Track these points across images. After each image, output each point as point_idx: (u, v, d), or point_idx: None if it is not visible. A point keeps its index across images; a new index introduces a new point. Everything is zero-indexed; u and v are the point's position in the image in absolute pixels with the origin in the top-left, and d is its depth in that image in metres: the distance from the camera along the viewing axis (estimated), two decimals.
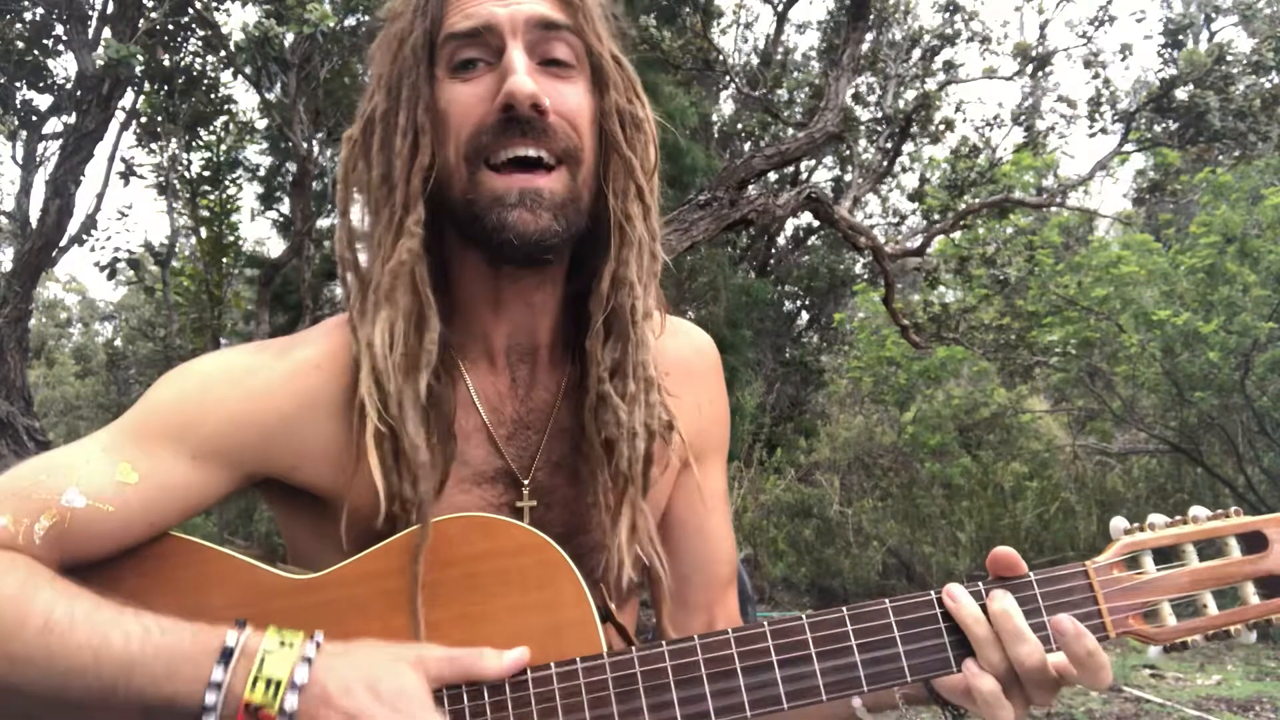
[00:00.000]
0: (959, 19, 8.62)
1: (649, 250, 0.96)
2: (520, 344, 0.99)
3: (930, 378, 8.01)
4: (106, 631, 0.78)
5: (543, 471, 0.99)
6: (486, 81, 0.90)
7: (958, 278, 7.73)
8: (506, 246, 0.89)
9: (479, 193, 0.89)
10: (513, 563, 0.87)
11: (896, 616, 0.84)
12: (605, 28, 0.97)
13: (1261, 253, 6.22)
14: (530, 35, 0.91)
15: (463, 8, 0.92)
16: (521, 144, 0.89)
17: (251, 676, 0.76)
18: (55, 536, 0.83)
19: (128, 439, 0.90)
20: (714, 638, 0.83)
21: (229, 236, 8.67)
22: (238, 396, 0.91)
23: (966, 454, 8.06)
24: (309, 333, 0.99)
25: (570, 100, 0.92)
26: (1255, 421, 6.24)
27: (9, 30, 6.12)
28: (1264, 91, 6.86)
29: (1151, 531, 0.89)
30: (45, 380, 15.50)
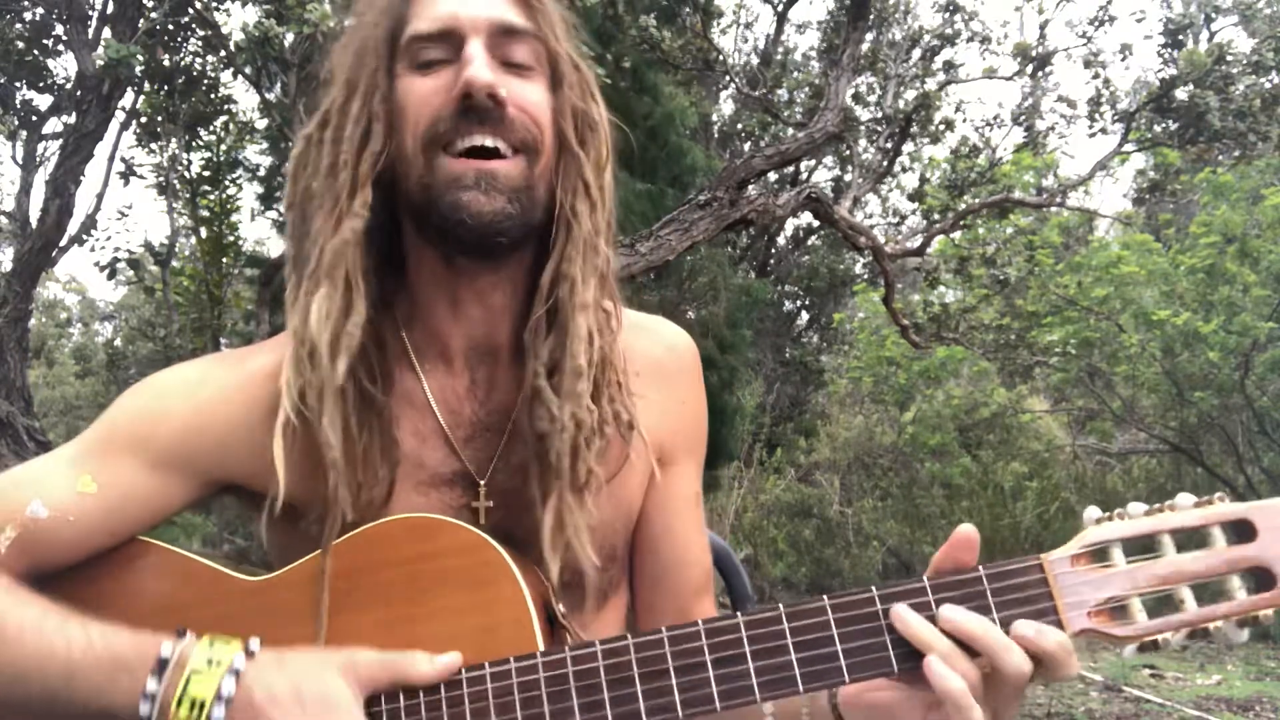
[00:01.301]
0: (959, 19, 8.62)
1: (592, 245, 0.96)
2: (479, 345, 1.00)
3: (930, 378, 8.02)
4: (51, 639, 0.81)
5: (502, 474, 0.99)
6: (446, 75, 0.91)
7: (958, 278, 7.73)
8: (460, 228, 0.89)
9: (435, 177, 0.90)
10: (453, 563, 0.87)
11: (835, 614, 0.80)
12: (564, 32, 0.98)
13: (1261, 253, 6.22)
14: (491, 38, 0.92)
15: (426, 11, 0.94)
16: (480, 132, 0.90)
17: (177, 695, 0.77)
18: (20, 546, 0.88)
19: (89, 452, 0.93)
20: (648, 636, 0.82)
21: (229, 236, 8.66)
22: (190, 407, 0.95)
23: (966, 454, 8.06)
24: (266, 343, 1.01)
25: (529, 95, 0.94)
26: (1255, 421, 6.24)
27: (9, 30, 6.12)
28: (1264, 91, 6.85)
29: (1123, 520, 0.80)
30: (45, 380, 15.49)
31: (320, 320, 0.88)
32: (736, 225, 5.11)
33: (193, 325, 8.81)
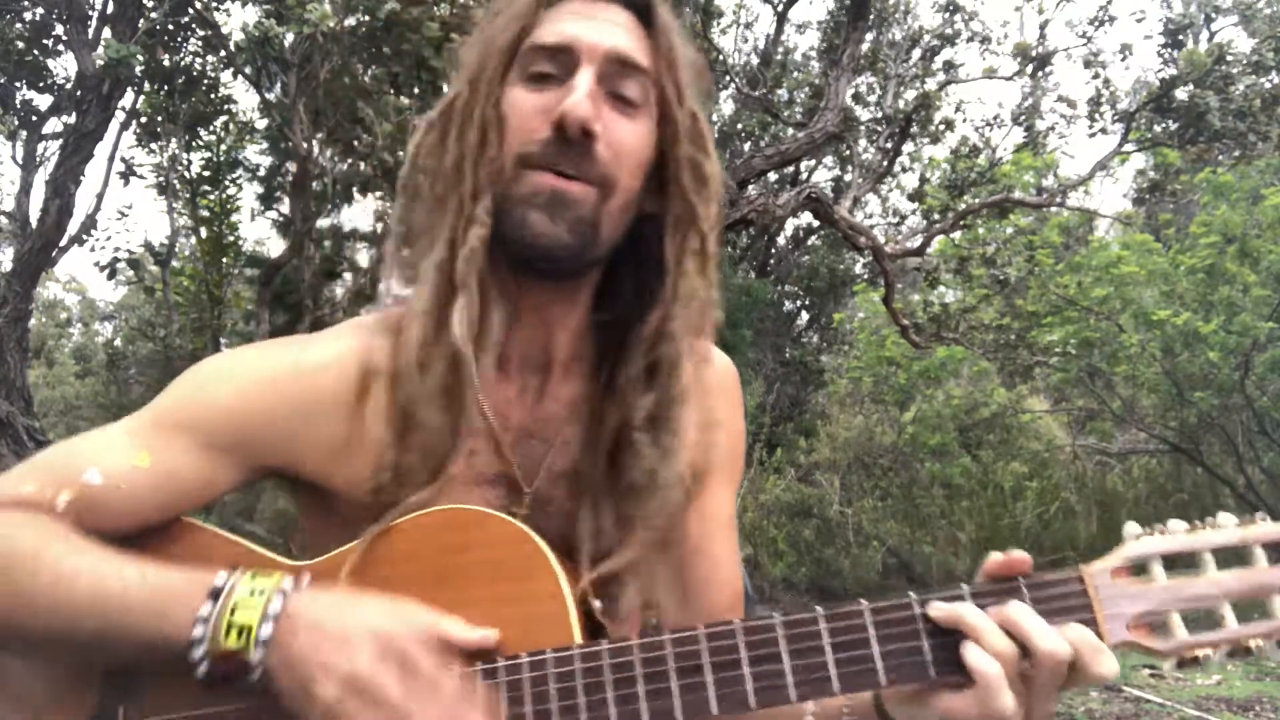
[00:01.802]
0: (959, 19, 8.62)
1: (701, 303, 0.97)
2: (533, 354, 1.01)
3: (930, 378, 8.02)
4: (107, 577, 0.84)
5: (544, 482, 1.00)
6: (551, 96, 0.92)
7: (958, 278, 7.74)
8: (519, 244, 0.91)
9: (517, 187, 0.92)
10: (492, 554, 0.88)
11: (874, 618, 0.81)
12: (687, 78, 0.98)
13: (1261, 253, 6.22)
14: (606, 67, 0.93)
15: (553, 24, 0.95)
16: (561, 162, 0.91)
17: (226, 619, 0.80)
18: (75, 510, 0.90)
19: (148, 427, 0.96)
20: (684, 633, 0.82)
21: (229, 236, 8.67)
22: (247, 392, 0.96)
23: (966, 454, 8.07)
24: (329, 331, 1.02)
25: (624, 134, 0.94)
26: (1255, 421, 6.25)
27: (9, 30, 6.12)
28: (1264, 91, 6.86)
29: (1164, 536, 0.81)
30: (45, 380, 15.49)
31: (465, 328, 0.91)
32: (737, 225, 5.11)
33: (193, 325, 8.81)
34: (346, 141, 6.43)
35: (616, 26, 0.95)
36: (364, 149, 5.92)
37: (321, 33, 4.55)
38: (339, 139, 6.45)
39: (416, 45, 4.58)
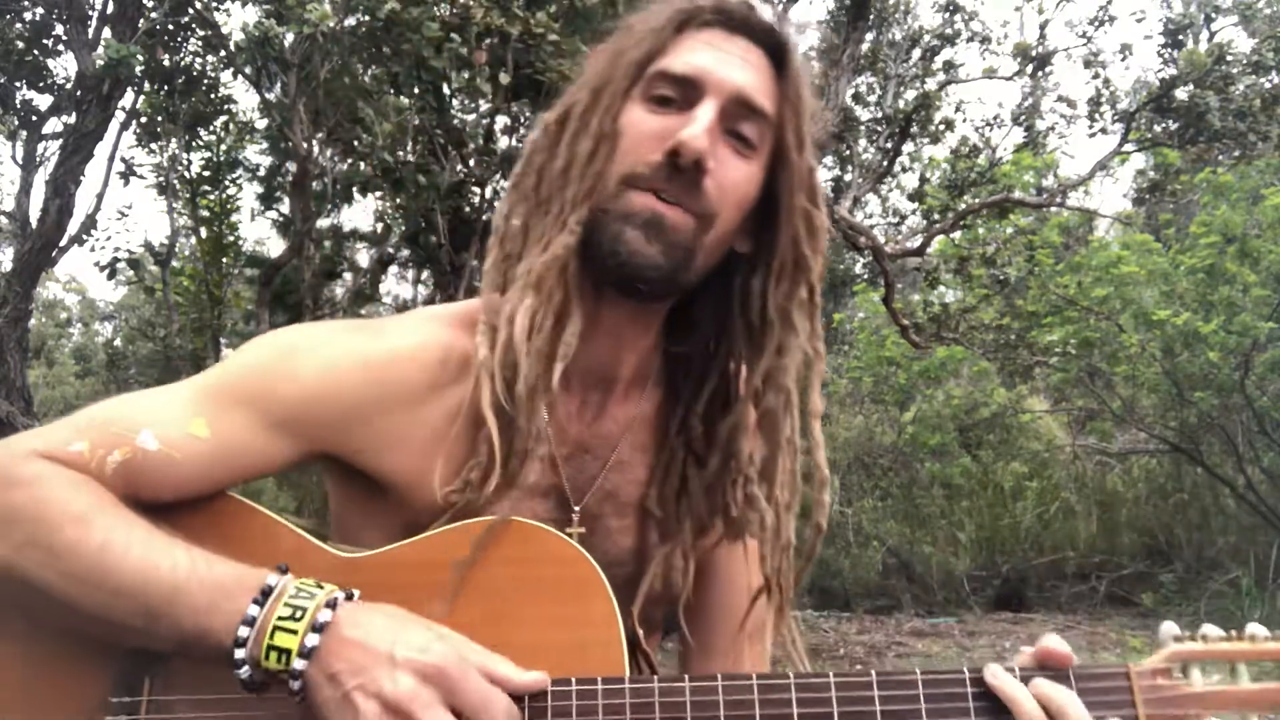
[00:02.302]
0: (959, 19, 8.62)
1: (810, 355, 0.98)
2: (598, 371, 1.01)
3: (930, 378, 8.02)
4: (157, 559, 0.82)
5: (593, 500, 1.01)
6: (670, 122, 0.92)
7: (958, 278, 7.73)
8: (611, 259, 0.91)
9: (616, 205, 0.92)
10: (547, 572, 0.87)
11: (925, 689, 0.83)
12: (811, 130, 0.98)
13: (1261, 253, 6.22)
14: (729, 105, 0.93)
15: (685, 52, 0.95)
16: (669, 189, 0.91)
17: (272, 625, 0.78)
18: (124, 472, 0.87)
19: (208, 396, 0.93)
20: (737, 680, 0.83)
21: (229, 236, 8.66)
22: (320, 375, 0.93)
23: (966, 454, 8.06)
24: (403, 320, 1.01)
25: (734, 174, 0.93)
26: (1255, 421, 6.24)
27: (9, 30, 6.12)
28: (1264, 91, 6.86)
29: (1203, 643, 0.85)
30: (45, 380, 15.49)
31: (523, 330, 0.90)
32: None
33: (193, 325, 8.80)
34: (346, 141, 6.43)
35: (748, 65, 0.95)
36: (364, 149, 5.92)
37: (321, 33, 4.55)
38: (339, 139, 6.45)
39: (416, 45, 4.57)
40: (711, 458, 1.03)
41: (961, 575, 6.74)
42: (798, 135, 0.96)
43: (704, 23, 0.96)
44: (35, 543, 0.82)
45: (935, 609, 6.52)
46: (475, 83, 5.10)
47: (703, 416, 1.03)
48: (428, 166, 5.64)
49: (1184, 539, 6.61)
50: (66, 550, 0.81)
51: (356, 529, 0.97)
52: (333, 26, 4.61)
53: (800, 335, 0.97)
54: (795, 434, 0.98)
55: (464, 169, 6.04)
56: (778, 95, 0.96)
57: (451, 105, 6.07)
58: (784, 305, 0.97)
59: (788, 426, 0.97)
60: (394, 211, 7.46)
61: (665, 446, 1.04)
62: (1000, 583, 6.77)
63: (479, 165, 6.05)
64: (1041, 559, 6.89)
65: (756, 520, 0.96)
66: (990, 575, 6.89)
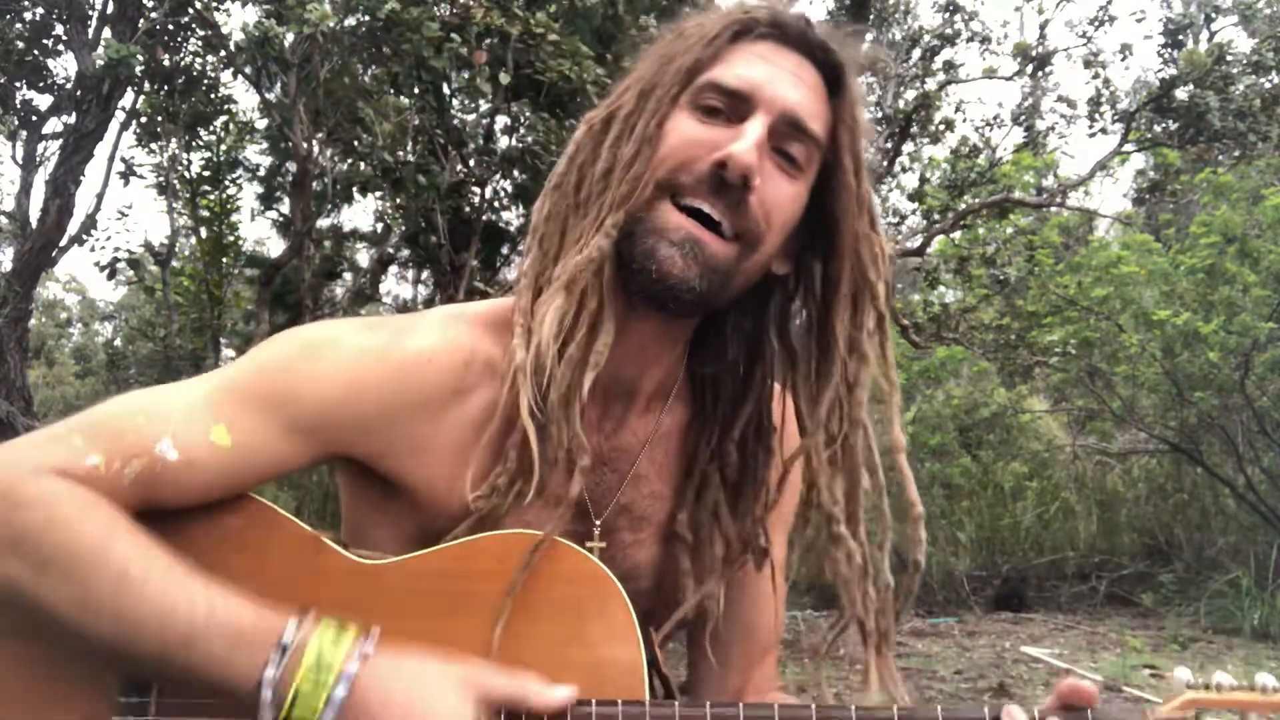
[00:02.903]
0: (959, 19, 8.62)
1: (881, 384, 0.96)
2: (621, 383, 0.99)
3: (930, 378, 8.01)
4: (176, 596, 0.79)
5: (610, 512, 1.00)
6: (718, 134, 0.90)
7: (958, 278, 7.73)
8: (642, 274, 0.89)
9: (649, 218, 0.89)
10: (572, 590, 0.86)
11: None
12: (866, 152, 0.96)
13: (1261, 253, 6.21)
14: (779, 124, 0.90)
15: (737, 65, 0.92)
16: (712, 203, 0.89)
17: (291, 692, 0.77)
18: (143, 482, 0.85)
19: (228, 397, 0.90)
20: (759, 709, 0.82)
21: (229, 236, 8.65)
22: (343, 378, 0.91)
23: (966, 454, 8.06)
24: (423, 320, 0.98)
25: (779, 193, 0.91)
26: (1255, 421, 6.24)
27: (9, 30, 6.12)
28: (1264, 91, 6.86)
29: (1217, 692, 0.86)
30: (45, 380, 15.47)
31: (550, 333, 0.88)
32: None
33: (193, 325, 8.79)
34: (346, 141, 6.42)
35: (801, 84, 0.92)
36: (364, 149, 5.92)
37: (321, 33, 4.54)
38: (339, 139, 6.44)
39: (416, 45, 4.57)
40: (745, 484, 1.01)
41: (961, 575, 6.74)
42: (855, 158, 0.94)
43: (759, 35, 0.94)
44: (50, 568, 0.79)
45: (935, 609, 6.52)
46: (475, 83, 5.10)
47: (739, 443, 1.01)
48: (428, 166, 5.64)
49: (1184, 539, 6.61)
50: (84, 580, 0.79)
51: (369, 530, 0.96)
52: (333, 26, 4.61)
53: (871, 365, 0.94)
54: (877, 468, 0.96)
55: (464, 169, 6.03)
56: (829, 117, 0.94)
57: (451, 105, 6.07)
58: (853, 335, 0.94)
59: (866, 461, 0.95)
60: (394, 211, 7.45)
61: (695, 469, 1.02)
62: (1000, 583, 6.77)
63: (479, 165, 6.05)
64: (1041, 559, 6.89)
65: (844, 561, 0.94)
66: (990, 575, 6.89)
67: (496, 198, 6.92)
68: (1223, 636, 5.27)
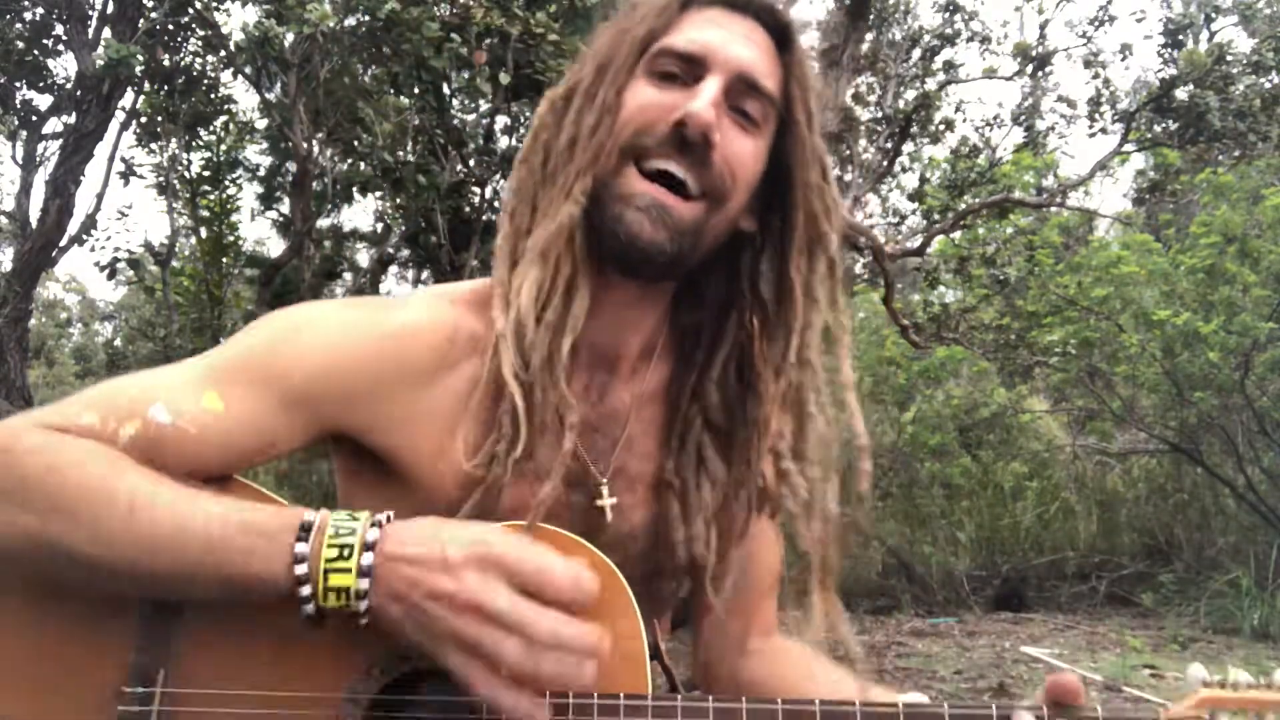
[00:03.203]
0: (959, 19, 8.62)
1: (831, 325, 0.97)
2: (603, 350, 1.01)
3: (930, 378, 8.01)
4: (189, 510, 0.81)
5: (612, 480, 1.01)
6: (674, 95, 0.92)
7: (958, 278, 7.73)
8: (612, 240, 0.90)
9: (615, 184, 0.92)
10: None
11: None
12: (818, 107, 0.98)
13: (1262, 253, 6.22)
14: (733, 82, 0.93)
15: (689, 30, 0.95)
16: (675, 163, 0.90)
17: (324, 552, 0.78)
18: (138, 445, 0.86)
19: (221, 372, 0.92)
20: (763, 703, 0.83)
21: (229, 236, 8.65)
22: (331, 350, 0.93)
23: (966, 454, 8.06)
24: (410, 297, 1.00)
25: (740, 149, 0.93)
26: (1255, 421, 6.24)
27: (9, 30, 6.12)
28: (1264, 91, 6.86)
29: (1234, 691, 0.85)
30: (45, 380, 15.48)
31: (529, 302, 0.90)
32: None
33: (193, 325, 8.79)
34: (346, 141, 6.43)
35: (752, 44, 0.95)
36: (364, 149, 5.92)
37: (321, 33, 4.55)
38: (339, 139, 6.45)
39: (416, 45, 4.57)
40: (733, 428, 1.02)
41: (961, 575, 6.74)
42: (807, 112, 0.96)
43: (708, 2, 0.97)
44: (57, 511, 0.80)
45: (935, 609, 6.52)
46: (475, 83, 5.10)
47: (718, 384, 1.02)
48: (428, 166, 5.64)
49: (1184, 539, 6.61)
50: (93, 514, 0.80)
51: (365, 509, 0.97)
52: (333, 26, 4.61)
53: (823, 308, 0.96)
54: (825, 407, 0.96)
55: (464, 169, 6.04)
56: (782, 75, 0.96)
57: (451, 105, 6.07)
58: (807, 280, 0.96)
59: (815, 401, 0.96)
60: (394, 211, 7.46)
61: (678, 416, 1.03)
62: (1000, 583, 6.77)
63: (479, 165, 6.05)
64: (1041, 559, 6.89)
65: (790, 496, 0.95)
66: (990, 575, 6.89)
67: (496, 198, 6.92)
68: (1223, 636, 5.27)
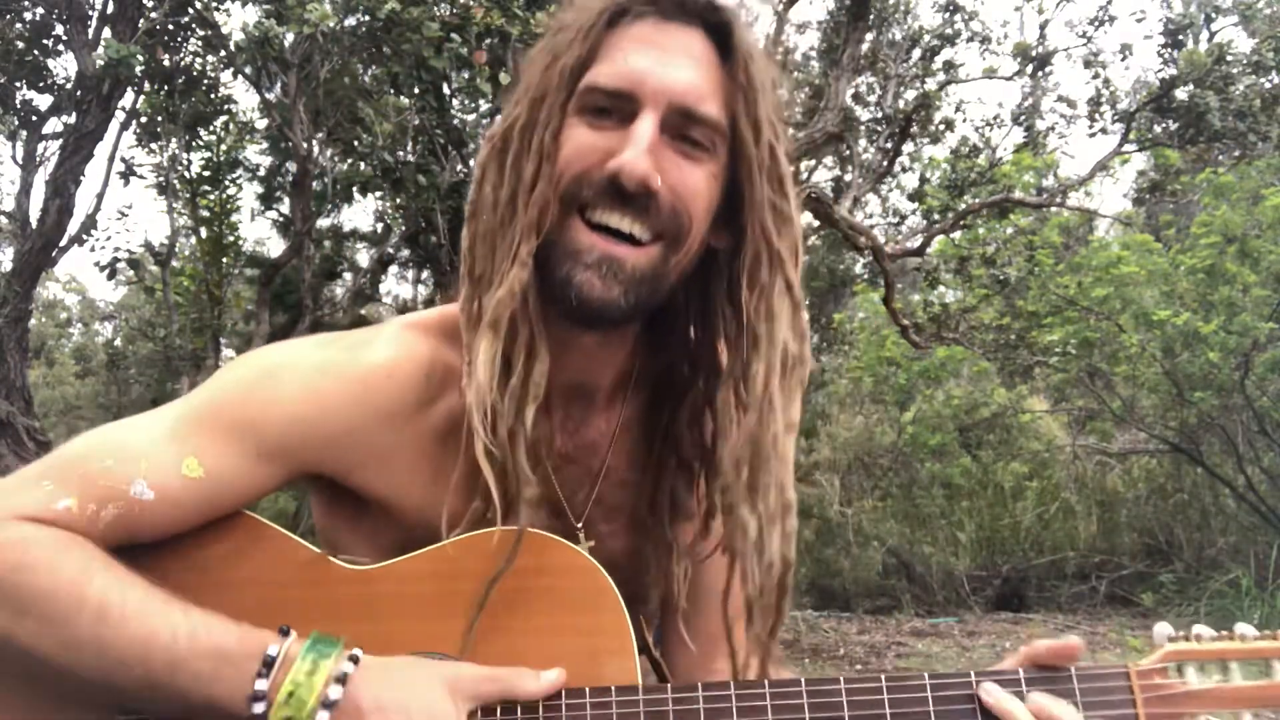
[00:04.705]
0: (959, 19, 8.61)
1: (794, 355, 0.90)
2: (576, 386, 0.99)
3: (930, 378, 8.02)
4: (156, 626, 0.79)
5: (597, 516, 1.01)
6: (610, 138, 0.87)
7: (958, 278, 7.73)
8: (564, 302, 0.87)
9: (563, 236, 0.87)
10: (560, 583, 0.88)
11: (934, 692, 0.85)
12: (769, 111, 0.90)
13: (1261, 253, 6.22)
14: (670, 114, 0.87)
15: (616, 57, 0.88)
16: (619, 216, 0.86)
17: (282, 698, 0.77)
18: (120, 525, 0.85)
19: (194, 427, 0.90)
20: (750, 688, 0.84)
21: (229, 236, 8.66)
22: (306, 397, 0.91)
23: (966, 454, 8.06)
24: (381, 333, 0.97)
25: (688, 180, 0.88)
26: (1255, 421, 6.24)
27: (9, 30, 6.12)
28: (1264, 91, 6.86)
29: (1197, 643, 0.88)
30: (45, 380, 15.46)
31: (485, 376, 0.86)
32: None
33: (193, 325, 8.79)
34: (346, 141, 6.43)
35: (688, 60, 0.88)
36: (364, 149, 5.92)
37: (321, 33, 4.55)
38: (339, 139, 6.45)
39: (416, 45, 4.57)
40: (700, 465, 1.00)
41: (961, 575, 6.74)
42: (753, 122, 0.89)
43: (637, 15, 0.89)
44: (28, 612, 0.79)
45: (935, 609, 6.52)
46: (475, 83, 5.10)
47: (688, 423, 1.00)
48: (428, 166, 5.64)
49: (1184, 539, 6.61)
50: (62, 620, 0.79)
51: (346, 544, 0.96)
52: (333, 26, 4.61)
53: (779, 336, 0.90)
54: (787, 449, 0.92)
55: (464, 169, 6.03)
56: (725, 85, 0.89)
57: (451, 105, 6.07)
58: (758, 305, 0.90)
59: (772, 439, 0.90)
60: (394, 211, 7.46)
61: (652, 454, 1.02)
62: (1000, 583, 6.77)
63: None
64: (1041, 559, 6.89)
65: (739, 533, 0.89)
66: (990, 575, 6.89)
67: None
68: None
